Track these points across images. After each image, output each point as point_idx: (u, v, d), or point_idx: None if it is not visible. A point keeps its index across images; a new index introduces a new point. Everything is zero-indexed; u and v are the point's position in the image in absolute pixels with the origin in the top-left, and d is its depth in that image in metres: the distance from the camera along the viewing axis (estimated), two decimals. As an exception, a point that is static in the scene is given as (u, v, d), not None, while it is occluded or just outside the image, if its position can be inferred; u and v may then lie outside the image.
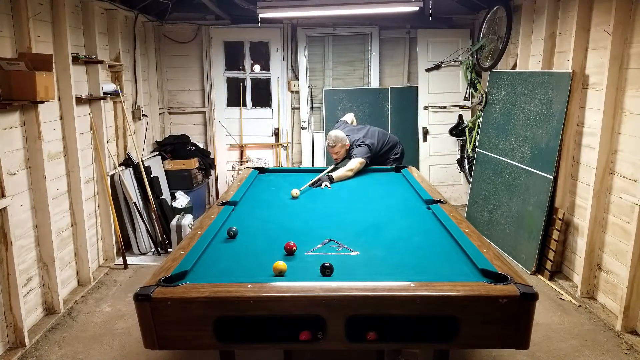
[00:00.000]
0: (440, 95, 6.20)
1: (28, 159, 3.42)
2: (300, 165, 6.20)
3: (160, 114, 6.23)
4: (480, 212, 5.22)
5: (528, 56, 4.76)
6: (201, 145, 6.33)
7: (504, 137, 4.84)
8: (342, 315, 1.93)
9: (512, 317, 1.93)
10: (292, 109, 6.44)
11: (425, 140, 6.27)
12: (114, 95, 4.70)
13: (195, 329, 1.96)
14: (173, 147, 5.96)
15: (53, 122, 3.75)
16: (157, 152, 5.81)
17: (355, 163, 4.12)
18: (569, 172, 4.08)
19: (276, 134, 6.44)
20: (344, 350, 2.11)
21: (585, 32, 3.86)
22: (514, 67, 5.02)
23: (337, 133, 4.29)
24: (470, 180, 5.62)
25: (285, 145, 6.44)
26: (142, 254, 4.88)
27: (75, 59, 3.98)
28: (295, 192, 3.52)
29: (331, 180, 3.92)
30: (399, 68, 6.36)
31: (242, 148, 6.46)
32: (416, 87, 6.21)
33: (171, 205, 5.26)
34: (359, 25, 6.20)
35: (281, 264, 2.20)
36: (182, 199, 5.28)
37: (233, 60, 6.41)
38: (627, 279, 3.21)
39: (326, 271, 2.17)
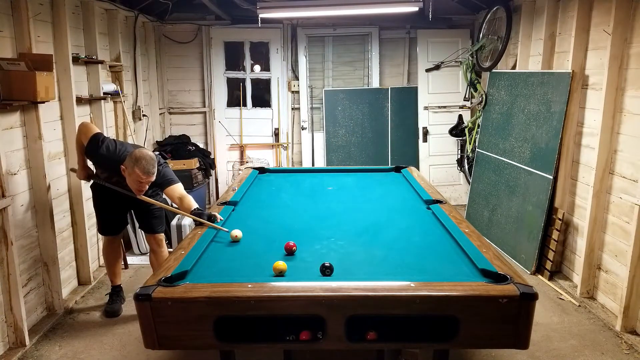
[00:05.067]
0: (440, 96, 6.19)
1: (28, 159, 3.42)
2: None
3: (160, 114, 6.23)
4: (480, 212, 5.23)
5: (528, 56, 4.76)
6: (201, 146, 6.33)
7: (504, 137, 4.84)
8: (342, 315, 1.93)
9: (512, 317, 1.93)
10: (292, 109, 6.44)
11: (425, 140, 6.27)
12: (114, 95, 4.70)
13: (196, 328, 1.97)
14: (173, 147, 5.96)
15: (53, 122, 3.75)
16: (158, 152, 5.78)
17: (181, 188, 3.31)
18: (569, 172, 4.08)
19: (276, 134, 6.44)
20: (344, 350, 2.11)
21: (585, 32, 3.86)
22: (514, 67, 5.02)
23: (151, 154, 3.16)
24: (470, 180, 5.62)
25: (285, 145, 6.44)
26: (142, 253, 4.88)
27: (76, 59, 3.98)
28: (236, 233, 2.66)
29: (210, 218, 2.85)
30: (399, 68, 6.36)
31: (242, 148, 6.46)
32: (416, 88, 6.21)
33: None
34: (359, 25, 6.19)
35: (281, 264, 2.20)
36: (182, 199, 5.27)
37: (233, 60, 6.41)
38: (626, 279, 3.22)
39: (326, 271, 2.18)
